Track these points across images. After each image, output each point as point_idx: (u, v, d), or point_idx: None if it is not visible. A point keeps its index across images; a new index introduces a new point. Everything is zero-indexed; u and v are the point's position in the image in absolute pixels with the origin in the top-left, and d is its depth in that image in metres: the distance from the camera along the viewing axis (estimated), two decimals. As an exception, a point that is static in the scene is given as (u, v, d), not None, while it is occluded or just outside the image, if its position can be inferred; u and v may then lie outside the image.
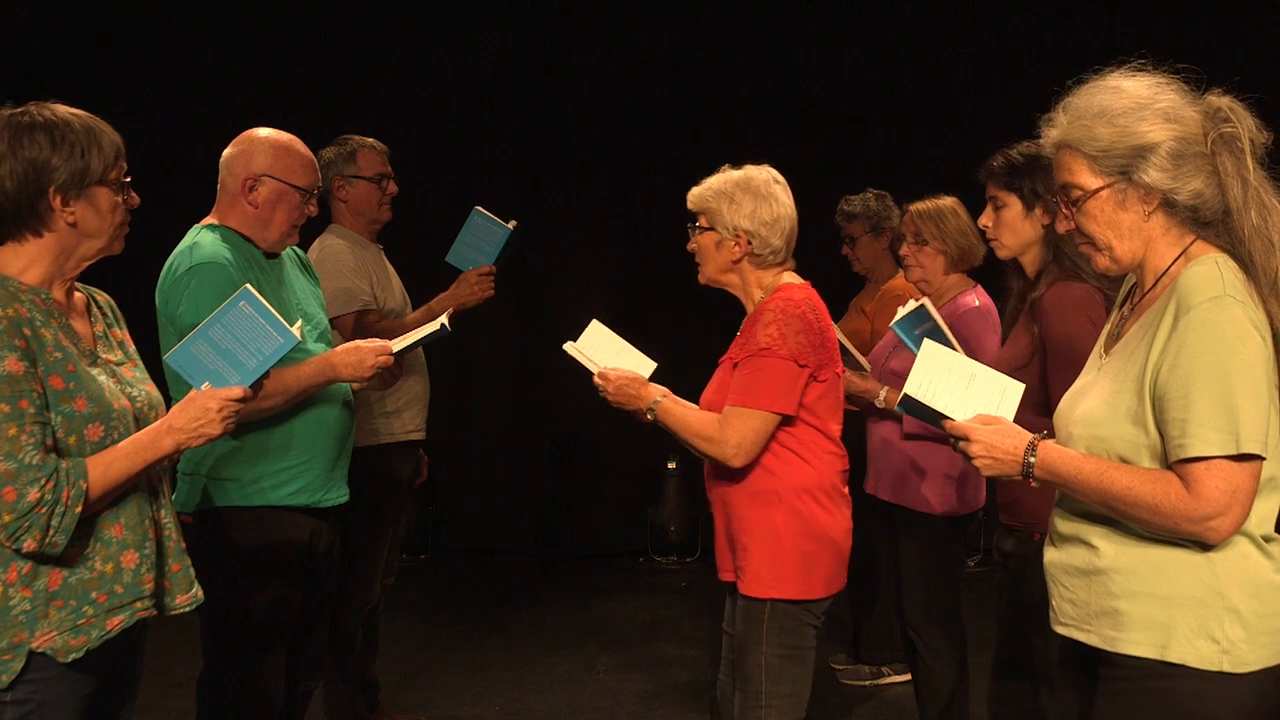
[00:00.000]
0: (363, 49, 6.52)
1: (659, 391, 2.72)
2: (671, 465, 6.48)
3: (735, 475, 2.66)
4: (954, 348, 2.98)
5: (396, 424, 3.71)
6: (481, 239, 3.67)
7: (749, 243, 2.67)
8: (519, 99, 6.58)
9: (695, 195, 2.74)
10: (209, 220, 2.88)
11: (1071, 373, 2.14)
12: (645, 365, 2.84)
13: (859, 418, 3.92)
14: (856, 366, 3.49)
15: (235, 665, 2.79)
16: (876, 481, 3.69)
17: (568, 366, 2.87)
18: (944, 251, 3.51)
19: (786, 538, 2.61)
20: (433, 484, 6.49)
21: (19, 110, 2.05)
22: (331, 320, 3.25)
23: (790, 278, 2.73)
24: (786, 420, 2.61)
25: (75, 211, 2.04)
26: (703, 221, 2.73)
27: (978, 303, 3.46)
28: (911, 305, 3.22)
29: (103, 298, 2.29)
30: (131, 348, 2.27)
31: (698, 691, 4.49)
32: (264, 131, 2.90)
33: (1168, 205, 1.87)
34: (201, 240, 2.78)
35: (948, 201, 3.55)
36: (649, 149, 6.58)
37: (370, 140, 3.82)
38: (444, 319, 2.89)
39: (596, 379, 2.77)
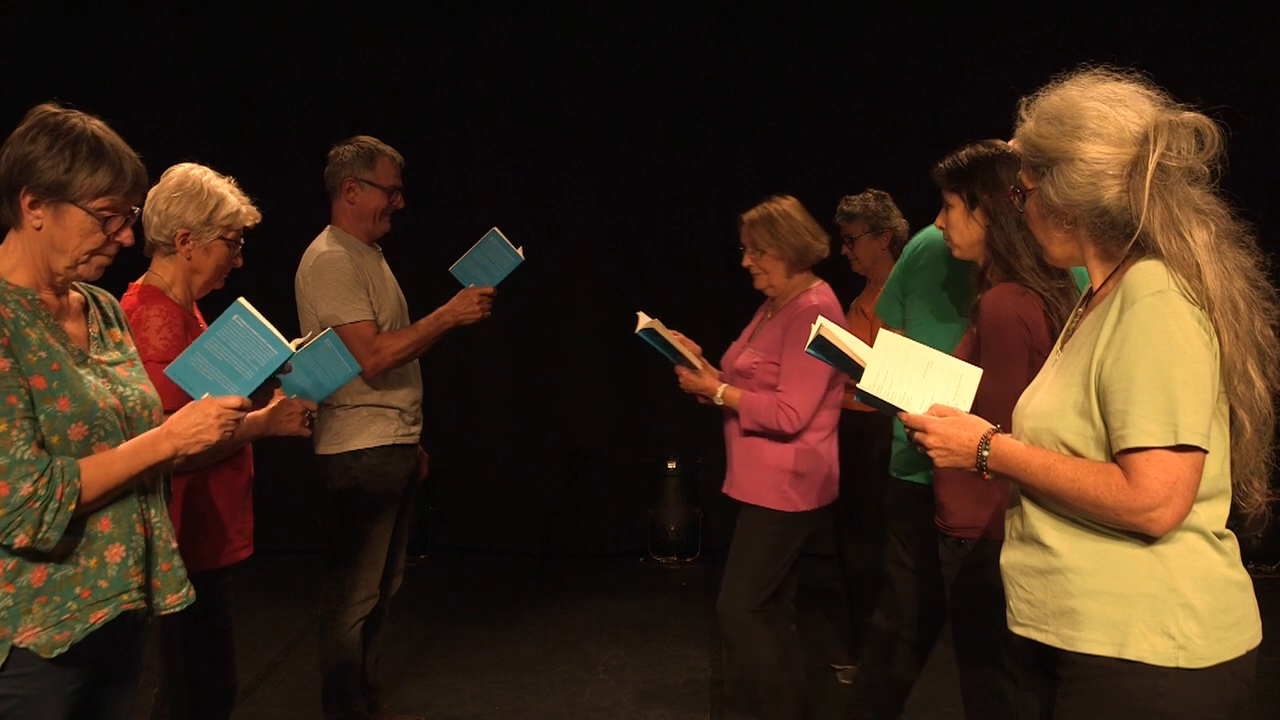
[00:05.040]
0: (362, 48, 6.53)
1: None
2: (671, 465, 6.48)
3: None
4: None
5: (396, 426, 3.71)
6: (491, 261, 3.66)
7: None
8: (519, 99, 6.58)
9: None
10: None
11: (996, 368, 2.14)
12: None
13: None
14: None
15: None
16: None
17: (568, 366, 2.85)
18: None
19: None
20: (433, 484, 6.50)
21: (57, 110, 2.07)
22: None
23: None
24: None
25: (41, 218, 2.04)
26: None
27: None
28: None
29: (105, 297, 2.29)
30: (131, 348, 2.27)
31: (698, 691, 4.49)
32: None
33: (1090, 216, 1.87)
34: None
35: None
36: (649, 150, 6.58)
37: (389, 149, 3.77)
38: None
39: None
